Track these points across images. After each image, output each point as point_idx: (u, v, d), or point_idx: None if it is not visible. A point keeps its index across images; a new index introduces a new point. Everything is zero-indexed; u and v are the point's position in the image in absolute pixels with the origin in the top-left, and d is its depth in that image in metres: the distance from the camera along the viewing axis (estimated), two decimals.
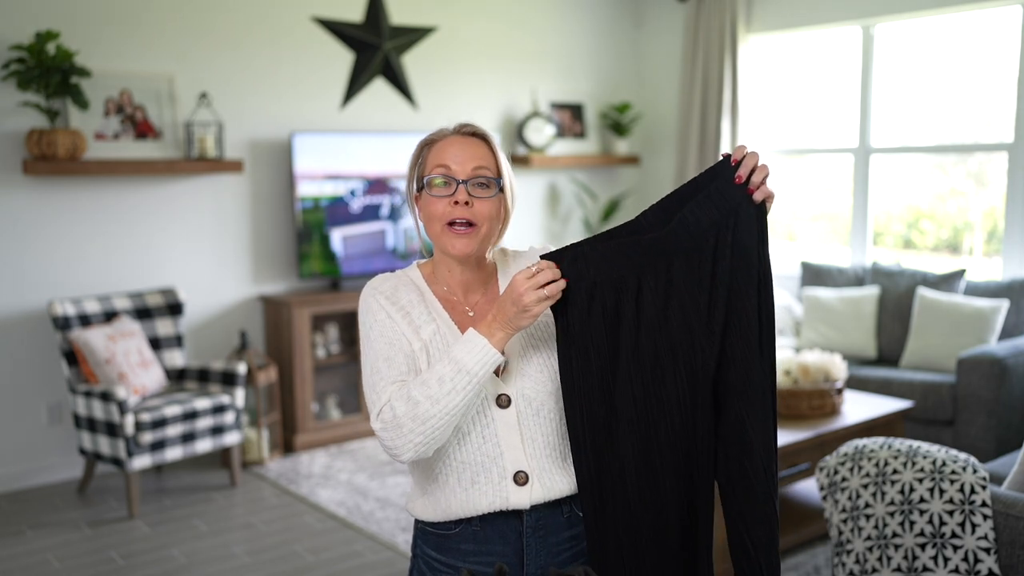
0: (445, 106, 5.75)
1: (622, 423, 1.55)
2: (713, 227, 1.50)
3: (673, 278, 1.52)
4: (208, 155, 4.71)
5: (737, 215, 1.49)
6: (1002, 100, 5.12)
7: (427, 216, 1.63)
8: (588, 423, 1.55)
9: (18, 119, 4.34)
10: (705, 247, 1.50)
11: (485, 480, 1.59)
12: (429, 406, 1.49)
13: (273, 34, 5.10)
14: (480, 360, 1.50)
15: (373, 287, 1.66)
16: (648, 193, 6.76)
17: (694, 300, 1.52)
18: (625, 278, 1.52)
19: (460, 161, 1.60)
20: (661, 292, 1.52)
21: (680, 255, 1.51)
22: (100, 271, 4.63)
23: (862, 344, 5.00)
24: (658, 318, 1.52)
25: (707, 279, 1.51)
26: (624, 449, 1.55)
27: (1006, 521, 2.32)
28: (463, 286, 1.67)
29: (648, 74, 6.72)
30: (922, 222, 5.84)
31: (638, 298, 1.52)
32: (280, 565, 3.58)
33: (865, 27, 5.48)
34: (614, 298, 1.53)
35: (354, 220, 5.22)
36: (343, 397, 5.33)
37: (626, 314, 1.53)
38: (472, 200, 1.59)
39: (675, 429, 1.54)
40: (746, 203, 1.49)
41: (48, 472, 4.54)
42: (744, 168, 1.49)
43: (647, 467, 1.55)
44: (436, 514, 1.63)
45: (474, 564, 1.62)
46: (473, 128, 1.65)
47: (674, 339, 1.52)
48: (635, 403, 1.54)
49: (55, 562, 3.62)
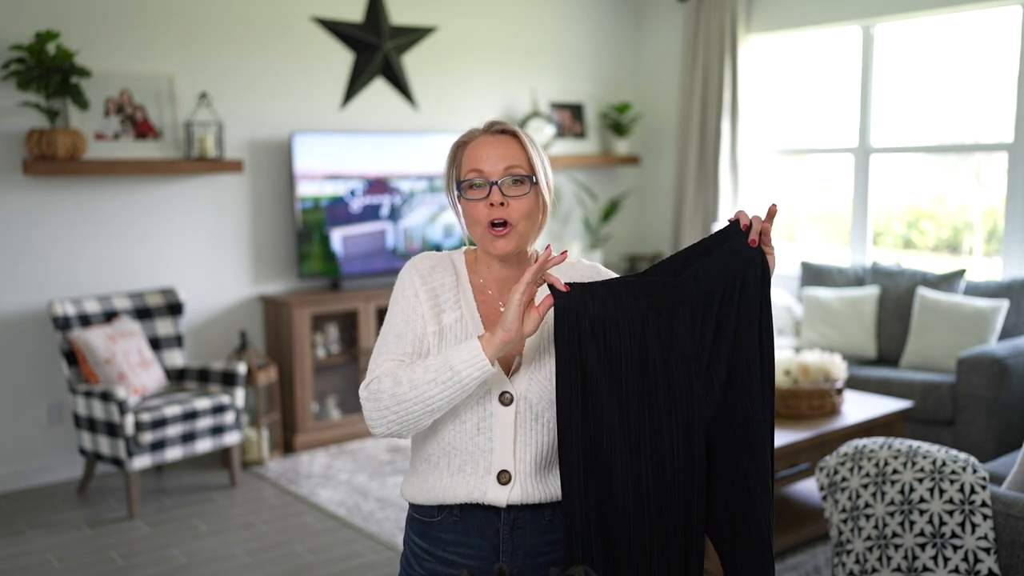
0: (445, 106, 5.75)
1: (615, 460, 1.54)
2: (721, 284, 1.53)
3: (676, 327, 1.53)
4: (208, 155, 4.70)
5: (745, 276, 1.53)
6: (1002, 100, 5.12)
7: (469, 219, 1.64)
8: (582, 459, 1.54)
9: (18, 119, 4.34)
10: (712, 302, 1.53)
11: (471, 470, 1.61)
12: (408, 389, 1.52)
13: (273, 34, 5.10)
14: (467, 362, 1.50)
15: (413, 263, 1.70)
16: (648, 193, 6.76)
17: (695, 352, 1.53)
18: (630, 319, 1.52)
19: (492, 162, 1.61)
20: (664, 339, 1.53)
21: (687, 307, 1.53)
22: (100, 271, 4.63)
23: (862, 344, 5.00)
24: (660, 364, 1.52)
25: (710, 333, 1.53)
26: (615, 490, 1.54)
27: (1006, 521, 2.32)
28: (499, 283, 1.68)
29: (648, 74, 6.72)
30: (922, 222, 5.84)
31: (642, 341, 1.52)
32: (280, 565, 3.58)
33: (865, 27, 5.48)
34: (616, 337, 1.52)
35: (354, 220, 5.22)
36: (343, 397, 5.33)
37: (627, 355, 1.52)
38: (507, 200, 1.60)
39: (667, 475, 1.53)
40: (754, 266, 1.53)
41: (48, 472, 4.54)
42: (755, 232, 1.53)
43: (637, 516, 1.54)
44: (421, 496, 1.66)
45: (451, 554, 1.64)
46: (503, 125, 1.65)
47: (673, 385, 1.53)
48: (629, 443, 1.53)
49: (55, 562, 3.62)
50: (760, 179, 6.12)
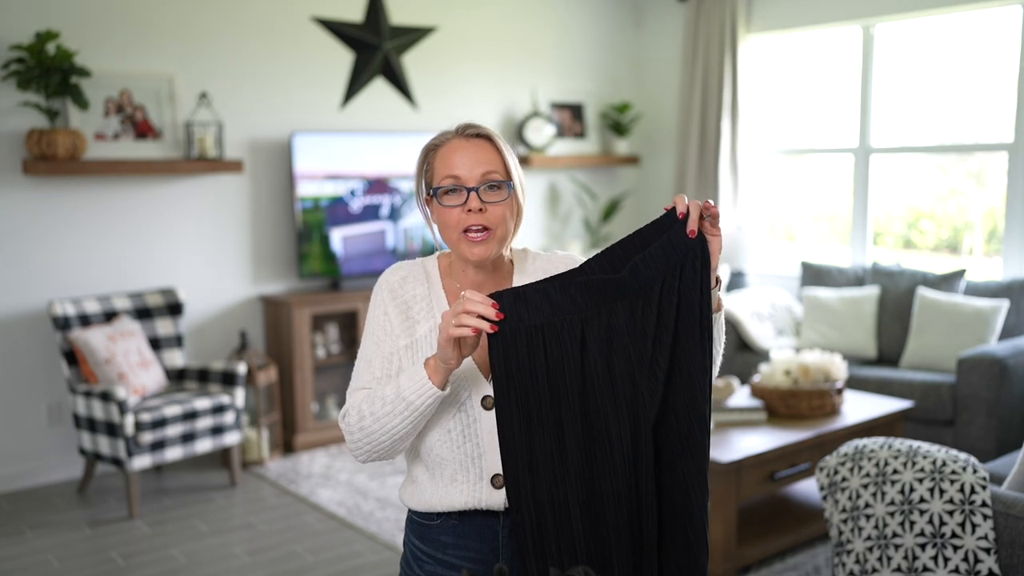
0: (445, 106, 5.75)
1: (569, 470, 1.50)
2: (660, 276, 1.48)
3: (616, 324, 1.48)
4: (208, 155, 4.70)
5: (682, 268, 1.48)
6: (1002, 100, 5.11)
7: (442, 224, 1.62)
8: (529, 475, 1.51)
9: (18, 119, 4.34)
10: (651, 295, 1.48)
11: (463, 478, 1.60)
12: (371, 422, 1.54)
13: (273, 34, 5.10)
14: (417, 391, 1.50)
15: (384, 278, 1.69)
16: (648, 193, 6.76)
17: (637, 349, 1.48)
18: (568, 323, 1.49)
19: (468, 167, 1.58)
20: (604, 339, 1.49)
21: (625, 301, 1.49)
22: (100, 271, 4.63)
23: (862, 344, 5.00)
24: (601, 366, 1.49)
25: (651, 327, 1.48)
26: (569, 502, 1.51)
27: (1006, 521, 2.32)
28: (475, 287, 1.66)
29: (648, 74, 6.72)
30: (922, 222, 5.84)
31: (582, 346, 1.49)
32: (280, 565, 3.58)
33: (865, 27, 5.48)
34: (555, 344, 1.49)
35: (354, 220, 5.22)
36: (343, 397, 5.33)
37: (567, 361, 1.49)
38: (485, 206, 1.57)
39: (618, 479, 1.50)
40: (692, 255, 1.48)
41: (48, 472, 4.54)
42: (692, 222, 1.47)
43: (592, 522, 1.51)
44: (419, 503, 1.65)
45: (452, 557, 1.64)
46: (477, 129, 1.62)
47: (616, 386, 1.49)
48: (580, 451, 1.50)
49: (55, 562, 3.62)
50: (760, 179, 6.12)
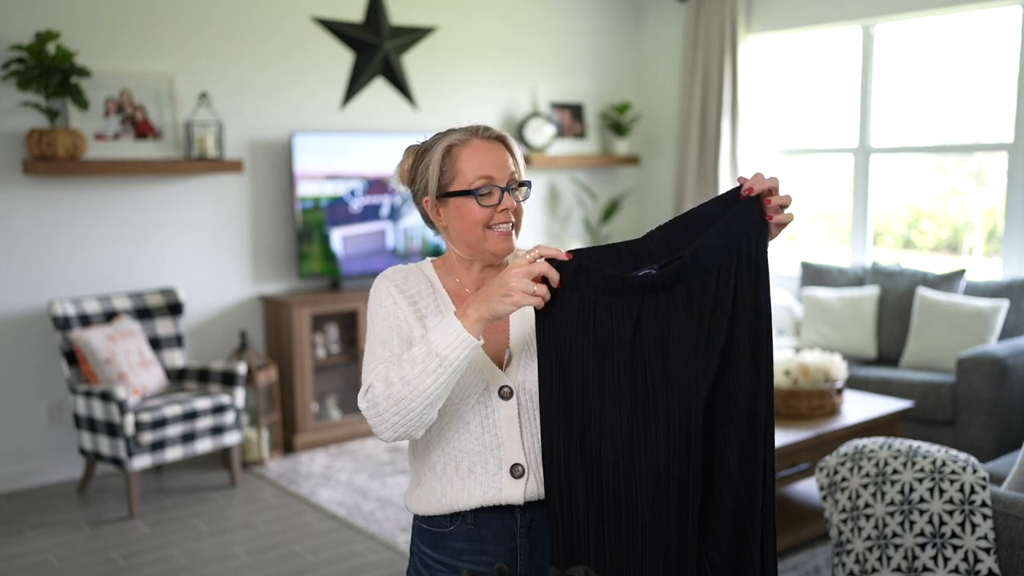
0: (445, 106, 5.75)
1: (606, 448, 1.49)
2: (717, 259, 1.48)
3: (675, 309, 1.49)
4: (208, 155, 4.70)
5: (739, 250, 1.49)
6: (1002, 100, 5.11)
7: (463, 221, 1.63)
8: (566, 450, 1.51)
9: (18, 119, 4.34)
10: (709, 278, 1.48)
11: (482, 470, 1.60)
12: (401, 387, 1.50)
13: (273, 34, 5.10)
14: (451, 343, 1.48)
15: (385, 276, 1.69)
16: (648, 193, 6.76)
17: (693, 333, 1.48)
18: (624, 302, 1.49)
19: (498, 168, 1.63)
20: (662, 320, 1.49)
21: (683, 286, 1.49)
22: (100, 271, 4.63)
23: (862, 344, 5.00)
24: (655, 345, 1.49)
25: (708, 310, 1.48)
26: (606, 479, 1.50)
27: (1006, 521, 2.32)
28: (478, 283, 1.69)
29: (648, 74, 6.72)
30: (922, 222, 5.84)
31: (636, 323, 1.49)
32: (280, 565, 3.58)
33: (865, 27, 5.48)
34: (608, 320, 1.49)
35: (354, 220, 5.22)
36: (343, 397, 5.33)
37: (619, 339, 1.49)
38: (517, 205, 1.66)
39: (662, 460, 1.48)
40: (748, 239, 1.49)
41: (48, 472, 4.54)
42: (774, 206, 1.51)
43: (629, 503, 1.49)
44: (431, 506, 1.64)
45: (468, 563, 1.62)
46: (496, 132, 1.67)
47: (670, 367, 1.48)
48: (620, 425, 1.50)
49: (55, 562, 3.62)
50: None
